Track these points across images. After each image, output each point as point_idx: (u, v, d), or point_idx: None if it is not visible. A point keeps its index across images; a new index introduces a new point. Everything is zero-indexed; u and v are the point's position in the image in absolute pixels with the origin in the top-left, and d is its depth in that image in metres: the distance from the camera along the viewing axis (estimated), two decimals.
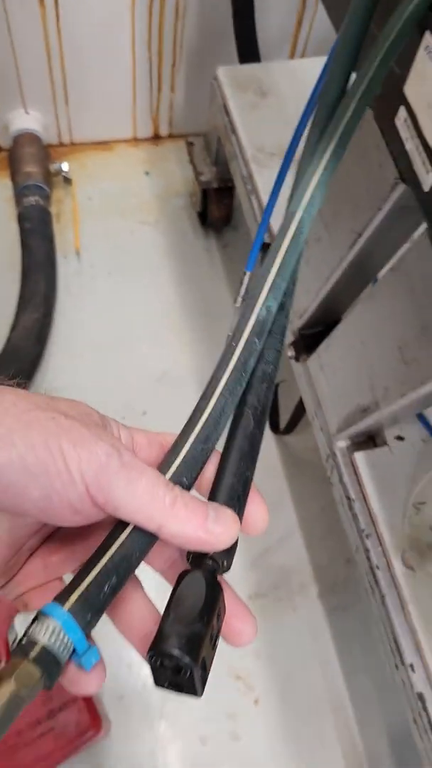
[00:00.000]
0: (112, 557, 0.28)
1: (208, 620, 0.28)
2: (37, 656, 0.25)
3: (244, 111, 1.04)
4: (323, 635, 1.02)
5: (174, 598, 0.29)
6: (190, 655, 0.26)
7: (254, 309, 0.35)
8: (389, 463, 0.78)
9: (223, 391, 0.33)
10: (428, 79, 0.45)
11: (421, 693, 0.68)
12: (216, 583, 0.30)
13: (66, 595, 0.27)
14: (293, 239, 0.37)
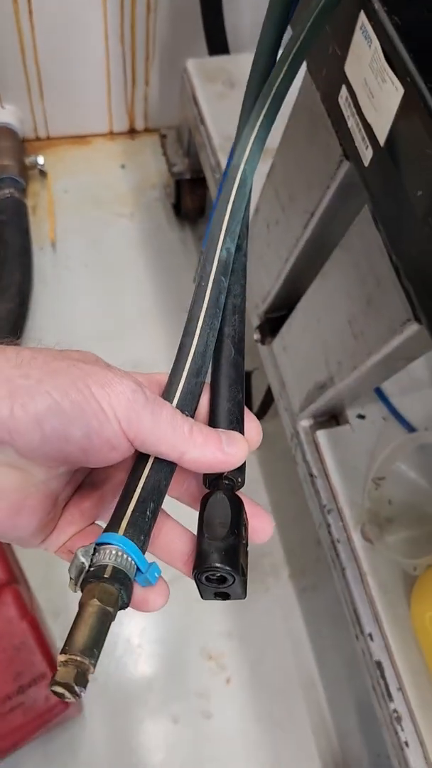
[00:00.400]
0: (144, 486, 0.30)
1: (238, 532, 0.30)
2: (111, 576, 0.27)
3: (212, 101, 1.06)
4: (294, 615, 1.04)
5: (205, 520, 0.31)
6: (231, 566, 0.29)
7: (216, 251, 0.38)
8: (350, 441, 0.80)
9: (203, 325, 0.35)
10: (364, 57, 0.47)
11: (379, 661, 0.70)
12: (237, 498, 0.32)
13: (116, 523, 0.29)
14: (239, 187, 0.40)
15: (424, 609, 0.65)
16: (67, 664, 0.25)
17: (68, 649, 0.25)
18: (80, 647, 0.25)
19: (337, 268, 0.61)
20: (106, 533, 0.29)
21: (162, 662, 0.99)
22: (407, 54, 0.42)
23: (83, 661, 0.25)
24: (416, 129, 0.42)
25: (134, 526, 0.29)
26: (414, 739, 0.66)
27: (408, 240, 0.45)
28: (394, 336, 0.51)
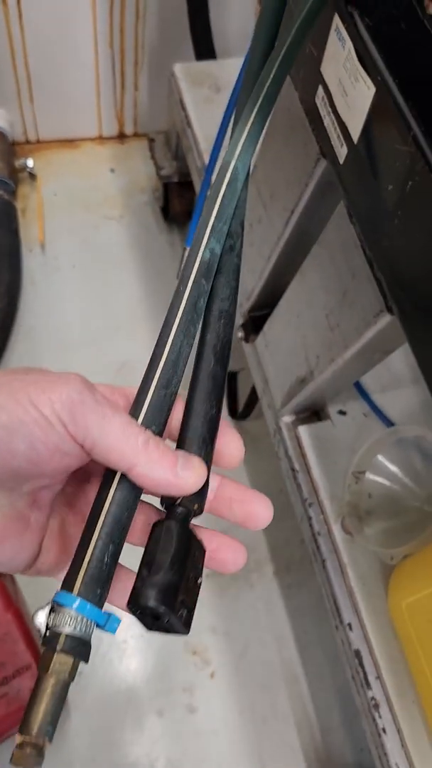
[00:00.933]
0: (104, 525, 0.29)
1: (180, 566, 0.29)
2: (65, 646, 0.27)
3: (199, 105, 1.08)
4: (278, 611, 1.06)
5: (147, 552, 0.30)
6: (165, 604, 0.28)
7: (198, 252, 0.36)
8: (331, 436, 0.81)
9: (176, 332, 0.33)
10: (338, 58, 0.49)
11: (358, 650, 0.71)
12: (187, 529, 0.30)
13: (72, 578, 0.28)
14: (229, 184, 0.39)
15: (400, 597, 0.67)
16: (23, 746, 0.26)
17: (23, 731, 0.26)
18: (35, 730, 0.26)
19: (315, 263, 0.62)
20: (62, 592, 0.28)
21: (146, 657, 1.00)
22: (378, 54, 0.44)
23: (38, 742, 0.26)
24: (387, 126, 0.43)
25: (91, 579, 0.28)
26: (391, 726, 0.68)
27: (380, 233, 0.47)
28: (368, 327, 0.53)
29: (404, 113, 0.41)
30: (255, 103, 0.45)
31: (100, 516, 0.29)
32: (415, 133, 0.40)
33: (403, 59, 0.43)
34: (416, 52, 0.44)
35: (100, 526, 0.29)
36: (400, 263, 0.45)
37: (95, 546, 0.29)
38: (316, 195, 0.61)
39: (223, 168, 0.41)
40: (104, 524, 0.29)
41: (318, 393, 0.73)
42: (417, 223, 0.42)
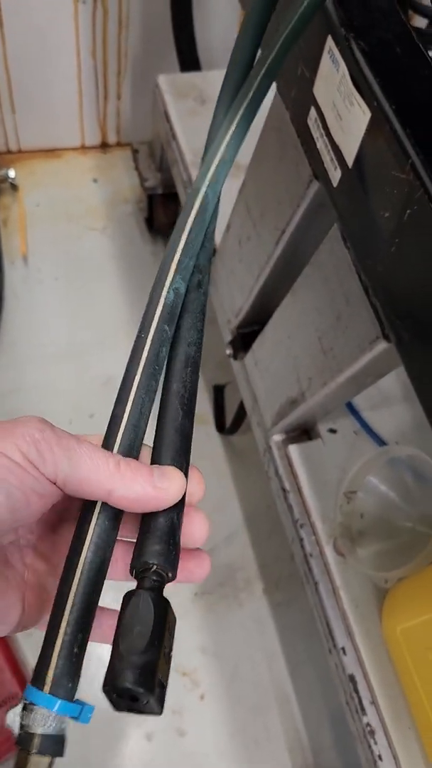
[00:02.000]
0: (72, 613, 0.28)
1: (158, 643, 0.27)
2: (39, 745, 0.27)
3: (184, 117, 1.06)
4: (268, 630, 1.04)
5: (122, 627, 0.28)
6: (144, 687, 0.26)
7: (161, 294, 0.34)
8: (322, 455, 0.80)
9: (137, 391, 0.32)
10: (332, 80, 0.47)
11: (352, 674, 0.70)
12: (162, 599, 0.29)
13: (42, 674, 0.28)
14: (198, 216, 0.37)
15: (395, 622, 0.66)
16: None
17: None
18: None
19: (307, 285, 0.61)
20: (33, 690, 0.27)
21: None
22: (374, 78, 0.43)
23: None
24: (383, 151, 0.42)
25: (61, 673, 0.28)
26: (387, 752, 0.67)
27: (376, 259, 0.45)
28: (363, 353, 0.52)
29: (401, 140, 0.40)
30: (231, 124, 0.43)
31: (66, 605, 0.28)
32: (413, 161, 0.39)
33: (399, 84, 0.42)
34: (413, 77, 0.43)
35: (66, 616, 0.28)
36: (397, 290, 0.44)
37: (63, 639, 0.28)
38: (309, 216, 0.59)
39: (191, 195, 0.38)
40: (72, 611, 0.28)
41: (309, 413, 0.72)
42: (415, 251, 0.41)
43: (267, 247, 0.68)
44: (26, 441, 0.27)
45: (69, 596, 0.29)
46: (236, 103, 0.43)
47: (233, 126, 0.41)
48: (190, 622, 1.02)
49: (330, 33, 0.46)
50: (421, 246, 0.40)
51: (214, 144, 0.40)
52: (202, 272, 0.37)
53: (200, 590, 1.05)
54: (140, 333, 0.34)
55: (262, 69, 0.45)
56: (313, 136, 0.52)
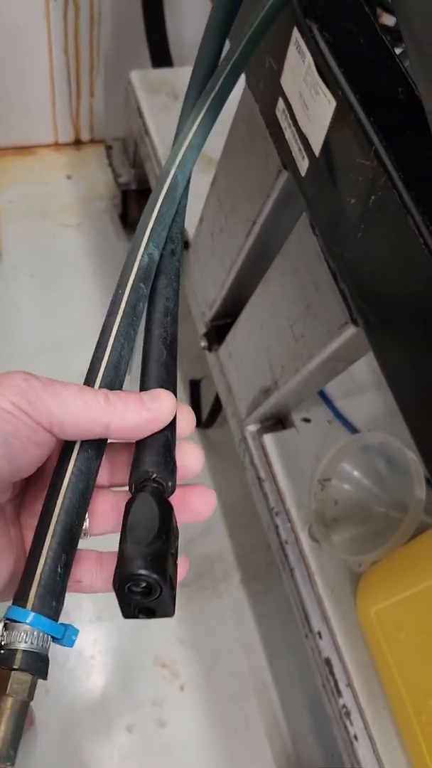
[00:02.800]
0: (54, 535, 0.28)
1: (166, 537, 0.28)
2: (22, 662, 0.26)
3: (157, 113, 1.07)
4: (246, 620, 1.05)
5: (128, 523, 0.28)
6: (157, 572, 0.26)
7: (137, 256, 0.36)
8: (296, 444, 0.81)
9: (117, 336, 0.33)
10: (298, 71, 0.49)
11: (328, 658, 0.71)
12: (166, 502, 0.29)
13: (25, 593, 0.27)
14: (168, 192, 0.40)
15: (369, 604, 0.67)
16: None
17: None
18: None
19: (278, 274, 0.62)
20: (15, 607, 0.27)
21: (115, 672, 0.98)
22: (338, 68, 0.44)
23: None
24: (348, 139, 0.44)
25: (45, 591, 0.27)
26: (363, 733, 0.68)
27: (343, 245, 0.47)
28: (332, 339, 0.53)
29: (365, 128, 0.42)
30: (199, 113, 0.45)
31: (50, 526, 0.28)
32: (376, 148, 0.41)
33: (363, 74, 0.44)
34: (376, 67, 0.44)
35: (50, 536, 0.28)
36: (364, 275, 0.45)
37: (47, 556, 0.28)
38: (278, 206, 0.60)
39: (162, 175, 0.41)
40: (54, 533, 0.28)
41: (283, 402, 0.73)
42: (380, 236, 0.42)
43: (238, 239, 0.69)
44: (14, 392, 0.27)
45: (52, 517, 0.28)
46: (205, 93, 0.44)
47: (201, 114, 0.43)
48: None
49: (295, 24, 0.47)
50: (385, 231, 0.41)
51: (183, 130, 0.42)
52: (174, 242, 0.40)
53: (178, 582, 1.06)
54: (117, 289, 0.35)
55: (231, 61, 0.46)
56: (281, 127, 0.53)
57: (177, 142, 0.42)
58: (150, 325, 0.36)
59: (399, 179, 0.39)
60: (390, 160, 0.40)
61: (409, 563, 0.61)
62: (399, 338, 0.42)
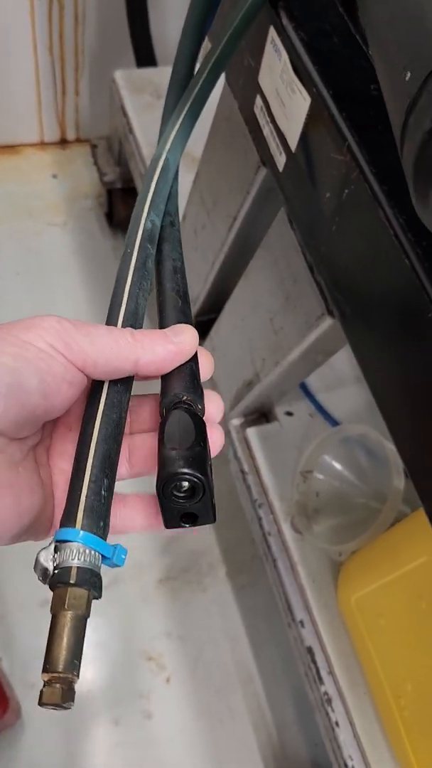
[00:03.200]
0: (95, 460, 0.29)
1: (204, 444, 0.28)
2: (78, 578, 0.26)
3: (141, 112, 1.08)
4: (232, 613, 1.07)
5: (166, 434, 0.29)
6: (200, 471, 0.27)
7: (140, 222, 0.39)
8: (279, 437, 0.83)
9: (131, 286, 0.35)
10: (275, 69, 0.50)
11: (310, 646, 0.72)
12: (199, 417, 0.30)
13: (72, 514, 0.28)
14: (162, 172, 0.42)
15: (349, 592, 0.69)
16: (51, 683, 0.25)
17: (50, 668, 0.25)
18: (62, 664, 0.25)
19: (258, 268, 0.64)
20: (64, 528, 0.28)
21: (102, 666, 0.99)
22: (313, 66, 0.45)
23: (67, 676, 0.25)
24: (323, 135, 0.45)
25: (92, 512, 0.28)
26: (344, 718, 0.69)
27: (319, 238, 0.48)
28: (310, 330, 0.54)
29: (339, 123, 0.43)
30: (187, 101, 0.47)
31: (89, 452, 0.29)
32: (349, 143, 0.42)
33: (337, 72, 0.45)
34: (349, 65, 0.46)
35: (90, 461, 0.29)
36: (339, 268, 0.46)
37: (89, 480, 0.28)
38: (258, 201, 0.62)
39: (155, 159, 0.44)
40: (95, 458, 0.29)
41: (265, 395, 0.74)
42: (353, 229, 0.43)
43: (220, 234, 0.71)
44: (49, 333, 0.28)
45: (90, 444, 0.29)
46: (189, 89, 0.46)
47: (187, 105, 0.45)
48: (155, 608, 1.04)
49: (272, 23, 0.49)
50: (358, 224, 0.42)
51: (171, 120, 0.44)
52: (172, 215, 0.43)
53: (164, 576, 1.07)
54: (126, 249, 0.37)
55: (212, 57, 0.48)
56: (259, 124, 0.55)
57: (167, 128, 0.45)
58: (162, 281, 0.38)
59: (371, 173, 0.41)
60: (362, 154, 0.41)
61: (387, 551, 0.63)
62: (373, 329, 0.43)
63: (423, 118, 0.19)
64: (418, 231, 0.38)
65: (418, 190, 0.21)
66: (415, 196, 0.22)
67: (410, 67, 0.20)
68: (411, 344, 0.38)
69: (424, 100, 0.19)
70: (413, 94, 0.20)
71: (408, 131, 0.20)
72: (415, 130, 0.20)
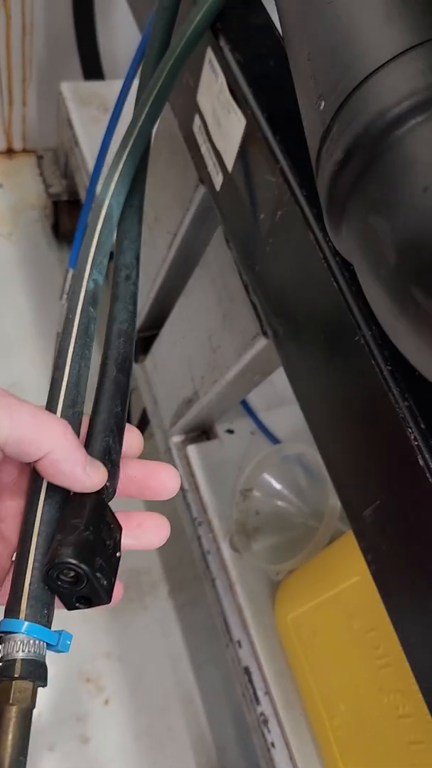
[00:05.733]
0: (38, 547, 0.29)
1: (95, 529, 0.29)
2: (22, 671, 0.26)
3: (87, 125, 1.07)
4: (173, 632, 1.05)
5: (59, 521, 0.29)
6: (83, 561, 0.27)
7: (82, 284, 0.38)
8: (220, 455, 0.82)
9: (73, 356, 0.34)
10: (212, 89, 0.50)
11: (247, 666, 0.72)
12: (101, 500, 0.30)
13: (16, 604, 0.28)
14: (105, 222, 0.41)
15: (286, 611, 0.68)
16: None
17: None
18: (8, 763, 0.25)
19: (197, 286, 0.63)
20: (7, 619, 0.27)
21: None
22: (248, 88, 0.45)
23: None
24: (257, 157, 0.45)
25: (35, 601, 0.28)
26: (280, 740, 0.69)
27: (254, 258, 0.48)
28: (246, 350, 0.54)
29: (272, 146, 0.43)
30: (127, 144, 0.46)
31: (33, 538, 0.29)
32: (282, 165, 0.42)
33: (271, 94, 0.45)
34: (284, 88, 0.46)
35: (33, 548, 0.29)
36: (272, 288, 0.47)
37: (34, 568, 0.28)
38: (197, 219, 0.62)
39: (97, 206, 0.43)
40: (38, 545, 0.29)
41: (205, 412, 0.74)
42: (285, 250, 0.43)
43: (161, 251, 0.70)
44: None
45: (33, 529, 0.29)
46: (132, 121, 0.46)
47: (130, 142, 0.44)
48: (94, 627, 1.02)
49: (210, 45, 0.49)
50: (290, 245, 0.43)
51: (114, 160, 0.44)
52: (129, 268, 0.42)
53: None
54: (68, 315, 0.37)
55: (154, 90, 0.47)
56: (197, 143, 0.55)
57: (109, 172, 0.44)
58: (105, 350, 0.37)
59: (302, 196, 0.41)
60: (294, 177, 0.42)
61: (322, 570, 0.63)
62: (304, 350, 0.43)
63: (334, 149, 0.19)
64: None
65: (330, 219, 0.21)
66: (329, 224, 0.22)
67: (324, 96, 0.20)
68: (339, 366, 0.39)
69: (336, 131, 0.19)
70: (327, 123, 0.20)
71: (321, 162, 0.20)
72: (327, 160, 0.20)
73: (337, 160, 0.19)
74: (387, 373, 0.34)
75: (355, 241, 0.19)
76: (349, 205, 0.19)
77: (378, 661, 0.53)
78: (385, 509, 0.36)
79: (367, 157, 0.18)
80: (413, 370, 0.35)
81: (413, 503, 0.34)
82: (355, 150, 0.18)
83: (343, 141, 0.18)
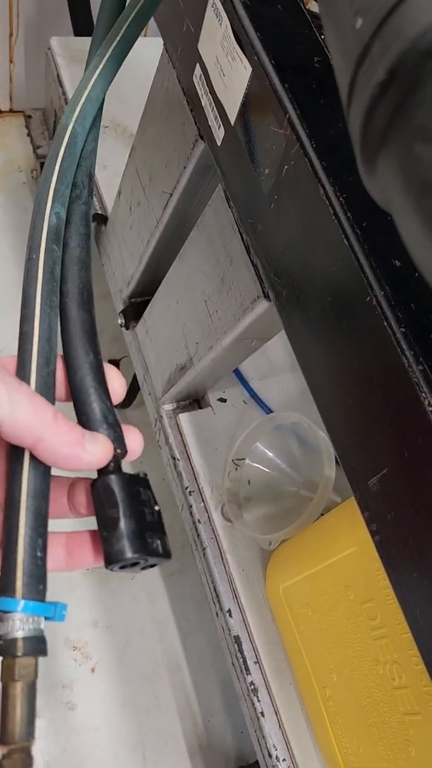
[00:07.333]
0: (27, 521, 0.28)
1: (134, 511, 0.30)
2: (23, 648, 0.27)
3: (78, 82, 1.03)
4: (161, 600, 1.05)
5: (98, 515, 0.31)
6: (138, 552, 0.29)
7: (44, 217, 0.35)
8: (212, 424, 0.81)
9: (42, 306, 0.32)
10: (215, 35, 0.47)
11: (238, 635, 0.71)
12: (120, 474, 0.31)
13: (10, 582, 0.28)
14: (68, 148, 0.38)
15: (277, 582, 0.68)
16: (11, 755, 0.25)
17: (8, 741, 0.26)
18: (17, 735, 0.26)
19: (194, 247, 0.61)
20: (4, 598, 0.28)
21: None
22: (254, 33, 0.43)
23: (25, 745, 0.26)
24: (263, 108, 0.43)
25: (29, 578, 0.28)
26: (269, 708, 0.69)
27: (256, 218, 0.46)
28: (245, 314, 0.53)
29: (280, 95, 0.41)
30: (99, 63, 0.44)
31: (20, 512, 0.29)
32: (290, 116, 0.40)
33: (280, 41, 0.43)
34: (293, 34, 0.44)
35: (23, 523, 0.29)
36: (276, 248, 0.45)
37: (25, 544, 0.28)
38: (195, 178, 0.59)
39: (60, 130, 0.40)
40: (27, 520, 0.29)
41: (198, 380, 0.72)
42: (292, 207, 0.41)
43: (155, 212, 0.68)
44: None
45: (20, 504, 0.29)
46: (105, 42, 0.42)
47: (101, 64, 0.41)
48: (81, 596, 1.01)
49: None
50: (297, 201, 0.41)
51: (82, 82, 0.40)
52: (79, 187, 0.39)
53: None
54: (31, 254, 0.34)
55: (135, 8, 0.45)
56: (198, 94, 0.52)
57: (75, 95, 0.41)
58: (61, 283, 0.35)
59: (311, 148, 0.39)
60: (303, 128, 0.39)
61: (316, 541, 0.62)
62: (309, 313, 0.42)
63: (374, 70, 0.17)
64: (359, 210, 0.36)
65: (365, 155, 0.19)
66: (361, 160, 0.20)
67: (362, 12, 0.18)
68: (348, 329, 0.37)
69: (377, 49, 0.17)
70: (365, 42, 0.18)
71: (357, 87, 0.18)
72: (364, 84, 0.18)
73: (377, 81, 0.17)
74: (400, 335, 0.33)
75: (395, 176, 0.17)
76: (391, 134, 0.17)
77: (374, 632, 0.52)
78: (392, 478, 0.35)
79: (414, 77, 0.16)
80: (428, 332, 0.34)
81: (424, 471, 0.32)
82: (401, 69, 0.16)
83: (387, 59, 0.16)
